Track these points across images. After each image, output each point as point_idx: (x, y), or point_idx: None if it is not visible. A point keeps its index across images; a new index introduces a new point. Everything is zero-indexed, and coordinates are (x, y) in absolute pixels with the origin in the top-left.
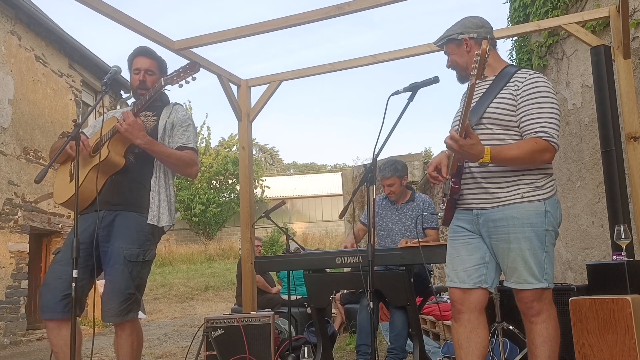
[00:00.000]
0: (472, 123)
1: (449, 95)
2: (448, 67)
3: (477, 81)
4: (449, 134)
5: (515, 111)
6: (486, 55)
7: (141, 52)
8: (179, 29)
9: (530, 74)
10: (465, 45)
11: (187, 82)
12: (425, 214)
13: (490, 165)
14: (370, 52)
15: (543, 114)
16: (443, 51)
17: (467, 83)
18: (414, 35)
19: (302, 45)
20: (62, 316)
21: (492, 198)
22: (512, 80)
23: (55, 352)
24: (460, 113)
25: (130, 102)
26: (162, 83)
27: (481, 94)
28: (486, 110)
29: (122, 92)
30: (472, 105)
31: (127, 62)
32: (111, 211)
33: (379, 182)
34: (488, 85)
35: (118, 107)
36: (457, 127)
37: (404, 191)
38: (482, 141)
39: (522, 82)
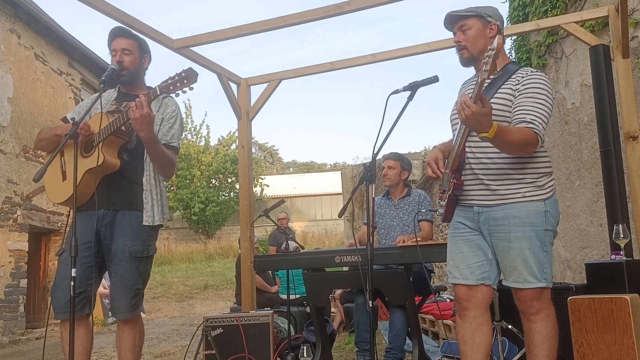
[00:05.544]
0: None
1: (448, 95)
2: (458, 41)
3: (491, 77)
4: (461, 98)
5: (511, 105)
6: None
7: (117, 34)
8: (176, 27)
9: (531, 71)
10: (491, 29)
11: (184, 92)
12: (423, 211)
13: (488, 141)
14: (367, 51)
15: (535, 107)
16: (457, 24)
17: (477, 76)
18: (411, 34)
19: (299, 44)
20: (75, 315)
21: (493, 195)
22: (513, 76)
23: (67, 352)
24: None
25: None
26: (157, 91)
27: (483, 89)
28: None
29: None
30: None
31: (108, 48)
32: (110, 210)
33: (378, 180)
34: (490, 80)
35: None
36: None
37: (401, 185)
38: None
39: (522, 77)
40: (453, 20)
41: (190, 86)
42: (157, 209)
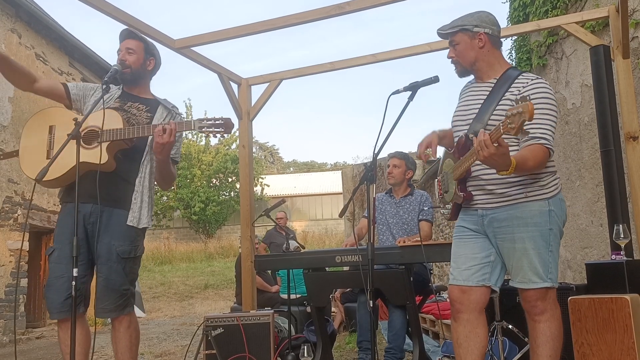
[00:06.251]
0: (478, 130)
1: (448, 95)
2: (450, 57)
3: (479, 83)
4: (480, 137)
5: None
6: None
7: (126, 36)
8: (177, 27)
9: (532, 79)
10: (479, 39)
11: (215, 137)
12: (425, 209)
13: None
14: (367, 51)
15: (543, 120)
16: (448, 40)
17: (472, 83)
18: (411, 34)
19: (299, 44)
20: (69, 315)
21: (497, 198)
22: (513, 85)
23: (64, 353)
24: (471, 113)
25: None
26: (192, 126)
27: (484, 98)
28: (490, 118)
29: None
30: (476, 111)
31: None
32: (97, 205)
33: (379, 180)
34: (490, 88)
35: (111, 86)
36: (461, 127)
37: (405, 184)
38: None
39: (524, 87)
40: (444, 37)
41: (223, 135)
42: (145, 212)
